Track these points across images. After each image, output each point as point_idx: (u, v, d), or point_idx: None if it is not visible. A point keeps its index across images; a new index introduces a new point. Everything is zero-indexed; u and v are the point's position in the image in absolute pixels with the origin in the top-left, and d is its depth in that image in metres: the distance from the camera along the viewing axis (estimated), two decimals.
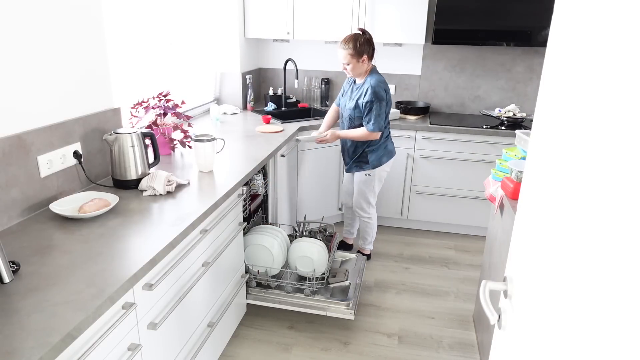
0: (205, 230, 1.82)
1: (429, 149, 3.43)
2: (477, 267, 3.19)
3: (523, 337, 0.95)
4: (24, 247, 1.44)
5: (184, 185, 2.01)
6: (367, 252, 3.21)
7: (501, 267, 2.02)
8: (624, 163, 0.61)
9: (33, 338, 1.04)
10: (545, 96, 0.96)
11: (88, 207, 1.65)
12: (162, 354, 1.59)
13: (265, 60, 4.09)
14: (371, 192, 2.97)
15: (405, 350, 2.37)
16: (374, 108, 2.66)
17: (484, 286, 1.08)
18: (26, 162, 1.63)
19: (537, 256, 0.91)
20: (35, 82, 1.65)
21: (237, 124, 3.23)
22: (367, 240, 3.16)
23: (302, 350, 2.34)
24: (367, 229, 3.11)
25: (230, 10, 3.51)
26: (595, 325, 0.65)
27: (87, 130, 1.93)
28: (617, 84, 0.64)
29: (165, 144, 2.41)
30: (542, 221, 0.90)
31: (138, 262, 1.36)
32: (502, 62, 3.68)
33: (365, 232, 3.13)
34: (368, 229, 3.11)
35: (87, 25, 1.89)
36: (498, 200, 2.17)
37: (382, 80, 2.70)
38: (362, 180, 2.94)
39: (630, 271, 0.57)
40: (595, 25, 0.74)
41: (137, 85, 2.62)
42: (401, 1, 3.35)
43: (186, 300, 1.75)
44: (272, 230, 2.52)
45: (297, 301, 2.38)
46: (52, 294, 1.19)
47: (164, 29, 2.86)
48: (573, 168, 0.77)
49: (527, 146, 2.01)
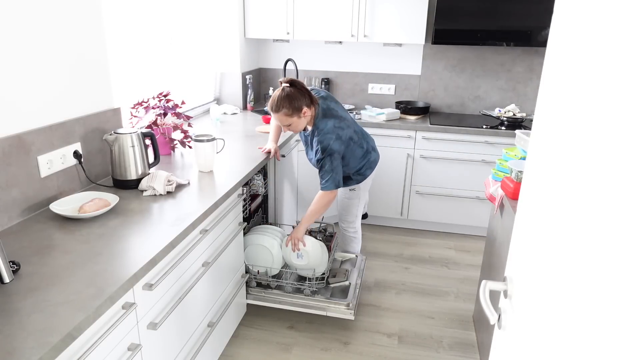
0: (205, 230, 1.82)
1: (429, 149, 3.43)
2: (477, 267, 3.19)
3: (523, 337, 0.95)
4: (24, 247, 1.44)
5: (184, 185, 2.01)
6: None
7: (501, 267, 2.02)
8: (624, 163, 0.61)
9: (33, 338, 1.04)
10: (545, 96, 0.96)
11: (88, 207, 1.65)
12: (162, 354, 1.59)
13: (265, 60, 4.09)
14: (358, 205, 2.69)
15: (405, 350, 2.37)
16: (325, 165, 2.28)
17: (484, 286, 1.08)
18: (26, 162, 1.63)
19: (537, 256, 0.91)
20: (35, 82, 1.65)
21: (237, 124, 3.23)
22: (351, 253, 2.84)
23: (302, 350, 2.34)
24: (352, 244, 2.80)
25: (230, 10, 3.51)
26: (595, 325, 0.65)
27: (87, 130, 1.93)
28: (617, 84, 0.64)
29: (165, 144, 2.41)
30: (542, 221, 0.90)
31: (138, 262, 1.36)
32: (502, 62, 3.68)
33: (349, 246, 2.80)
34: (353, 244, 2.80)
35: (87, 25, 1.89)
36: (498, 200, 2.17)
37: (329, 128, 2.27)
38: (347, 196, 2.66)
39: (630, 271, 0.57)
40: (595, 25, 0.74)
41: (137, 85, 2.62)
42: (401, 1, 3.36)
43: (186, 300, 1.75)
44: (272, 230, 2.52)
45: (297, 301, 2.38)
46: (52, 294, 1.20)
47: (164, 29, 2.86)
48: (573, 168, 0.77)
49: (527, 146, 2.01)
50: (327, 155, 2.27)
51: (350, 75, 3.96)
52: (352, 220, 2.74)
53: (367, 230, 3.69)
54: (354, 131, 2.43)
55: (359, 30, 3.47)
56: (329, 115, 2.32)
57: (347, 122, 2.39)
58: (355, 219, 2.73)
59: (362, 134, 2.51)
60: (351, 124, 2.42)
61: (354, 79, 3.97)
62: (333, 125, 2.29)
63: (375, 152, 2.62)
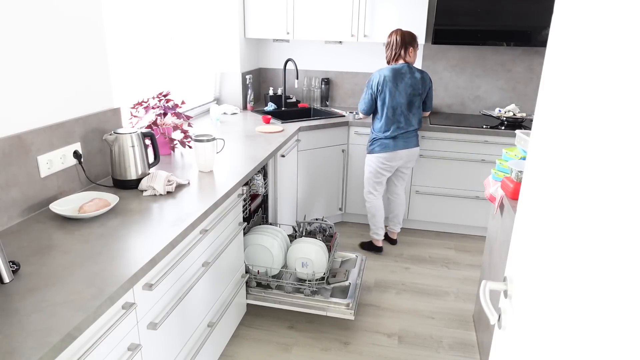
0: (205, 230, 1.82)
1: (429, 149, 3.43)
2: (477, 267, 3.19)
3: (523, 337, 0.95)
4: (24, 247, 1.44)
5: (184, 185, 2.01)
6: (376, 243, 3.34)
7: (501, 267, 2.02)
8: (624, 163, 0.61)
9: (33, 338, 1.04)
10: (545, 96, 0.96)
11: (88, 207, 1.65)
12: (162, 354, 1.59)
13: (265, 60, 4.09)
14: (367, 174, 3.19)
15: (405, 350, 2.37)
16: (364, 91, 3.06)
17: (484, 286, 1.08)
18: (26, 162, 1.63)
19: (537, 256, 0.91)
20: (35, 82, 1.65)
21: (237, 124, 3.23)
22: (370, 228, 3.33)
23: (302, 350, 2.34)
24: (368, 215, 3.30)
25: (230, 10, 3.51)
26: (595, 325, 0.65)
27: (87, 130, 1.93)
28: (617, 84, 0.64)
29: (165, 144, 2.41)
30: (542, 221, 0.90)
31: (138, 262, 1.36)
32: (502, 62, 3.68)
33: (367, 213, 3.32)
34: (368, 216, 3.29)
35: (87, 25, 1.89)
36: (498, 200, 2.17)
37: (377, 72, 2.97)
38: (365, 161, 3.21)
39: (630, 271, 0.57)
40: (595, 25, 0.74)
41: (137, 85, 2.62)
42: (401, 1, 3.36)
43: (186, 300, 1.75)
44: (272, 230, 2.52)
45: (297, 301, 2.38)
46: (52, 294, 1.19)
47: (164, 28, 2.86)
48: (573, 168, 0.77)
49: (527, 146, 2.01)
50: (366, 86, 3.04)
51: (350, 75, 3.96)
52: (364, 190, 3.26)
53: (367, 230, 3.69)
54: (384, 99, 2.96)
55: (359, 30, 3.47)
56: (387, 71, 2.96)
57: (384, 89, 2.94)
58: (366, 189, 3.24)
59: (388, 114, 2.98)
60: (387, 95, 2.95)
61: (354, 79, 3.97)
62: (378, 72, 2.96)
63: (393, 142, 3.02)
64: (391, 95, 2.93)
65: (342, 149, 3.54)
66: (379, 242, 3.31)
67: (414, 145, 3.08)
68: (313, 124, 3.29)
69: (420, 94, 3.00)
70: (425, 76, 3.01)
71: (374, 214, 3.24)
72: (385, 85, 2.92)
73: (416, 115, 3.04)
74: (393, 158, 3.06)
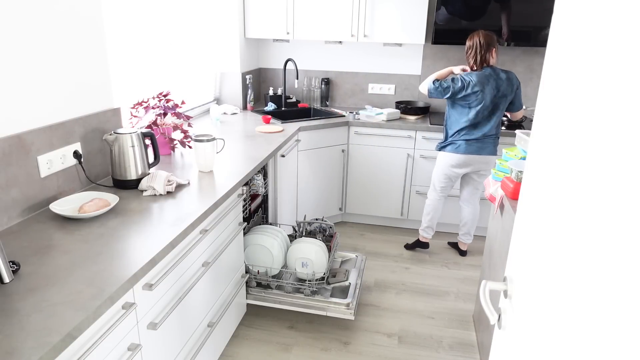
0: (205, 230, 1.82)
1: (429, 149, 3.43)
2: (477, 267, 3.19)
3: (523, 337, 0.95)
4: (24, 247, 1.44)
5: (184, 185, 2.01)
6: (422, 239, 3.34)
7: (501, 267, 2.02)
8: (624, 163, 0.61)
9: (33, 338, 1.04)
10: (545, 96, 0.96)
11: (88, 207, 1.65)
12: (162, 354, 1.59)
13: (265, 60, 4.09)
14: (433, 173, 3.17)
15: (405, 350, 2.37)
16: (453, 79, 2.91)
17: (484, 286, 1.08)
18: (26, 162, 1.63)
19: (537, 256, 0.91)
20: (35, 82, 1.65)
21: (237, 124, 3.23)
22: (421, 224, 3.33)
23: (302, 350, 2.34)
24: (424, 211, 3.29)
25: (230, 10, 3.51)
26: (595, 325, 0.65)
27: (87, 130, 1.93)
28: (617, 84, 0.64)
29: (165, 144, 2.41)
30: (542, 221, 0.90)
31: (138, 262, 1.36)
32: (502, 62, 3.68)
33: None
34: (424, 212, 3.28)
35: (87, 25, 1.89)
36: (498, 200, 2.17)
37: (467, 74, 2.87)
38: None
39: (629, 271, 0.57)
40: (595, 25, 0.74)
41: (137, 85, 2.62)
42: (401, 1, 3.36)
43: (186, 300, 1.75)
44: (272, 230, 2.52)
45: (297, 301, 2.38)
46: (52, 294, 1.19)
47: (164, 29, 2.86)
48: (573, 168, 0.77)
49: (527, 146, 2.01)
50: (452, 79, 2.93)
51: (350, 75, 3.96)
52: (430, 187, 3.24)
53: (367, 230, 3.70)
54: (469, 102, 2.87)
55: (359, 30, 3.47)
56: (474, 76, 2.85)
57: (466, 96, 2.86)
58: (431, 186, 3.22)
59: (470, 116, 2.89)
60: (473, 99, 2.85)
61: (354, 79, 3.97)
62: (469, 74, 2.86)
63: (464, 145, 2.94)
64: (477, 100, 2.83)
65: (342, 149, 3.54)
66: (425, 238, 3.31)
67: (488, 152, 2.95)
68: (313, 124, 3.29)
69: (507, 95, 2.86)
70: (512, 76, 2.86)
71: (428, 212, 3.23)
72: (472, 88, 2.81)
73: (496, 120, 2.92)
74: (463, 161, 2.98)
